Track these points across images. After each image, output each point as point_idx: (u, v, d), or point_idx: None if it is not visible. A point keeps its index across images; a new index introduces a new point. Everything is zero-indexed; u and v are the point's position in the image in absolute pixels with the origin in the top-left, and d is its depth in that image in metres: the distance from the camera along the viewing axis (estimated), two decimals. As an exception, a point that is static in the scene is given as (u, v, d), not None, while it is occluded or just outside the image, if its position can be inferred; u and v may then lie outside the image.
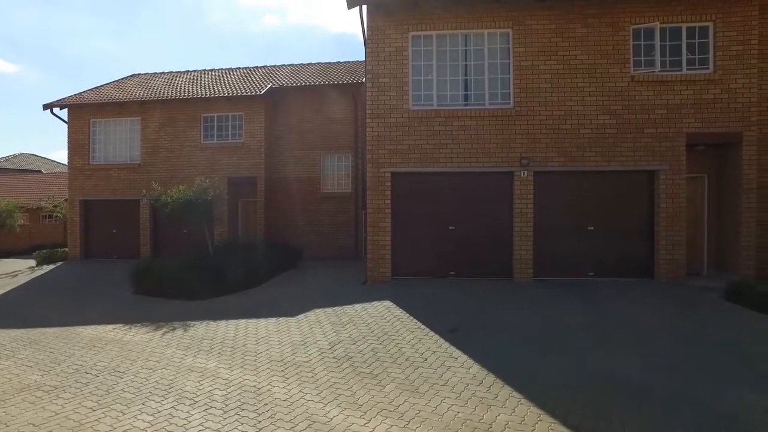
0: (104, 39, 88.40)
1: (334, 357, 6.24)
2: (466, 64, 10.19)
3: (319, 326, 7.66)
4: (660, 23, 9.68)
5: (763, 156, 9.75)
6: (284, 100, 16.77)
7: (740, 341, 6.07)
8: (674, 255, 9.61)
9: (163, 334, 7.79)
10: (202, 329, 7.97)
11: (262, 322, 8.19)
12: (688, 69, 9.71)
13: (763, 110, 9.84)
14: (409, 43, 10.21)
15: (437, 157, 9.99)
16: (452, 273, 10.13)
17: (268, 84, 16.58)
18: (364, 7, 10.17)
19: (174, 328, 8.07)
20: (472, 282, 9.71)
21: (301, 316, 8.33)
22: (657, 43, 9.72)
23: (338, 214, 16.25)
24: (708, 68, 9.67)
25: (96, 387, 5.46)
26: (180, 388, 5.37)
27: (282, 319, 8.24)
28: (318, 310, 8.57)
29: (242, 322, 8.26)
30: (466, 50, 10.19)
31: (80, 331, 8.03)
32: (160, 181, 15.07)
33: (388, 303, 8.54)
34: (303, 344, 6.85)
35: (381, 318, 7.77)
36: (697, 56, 9.74)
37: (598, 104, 9.72)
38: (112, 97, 17.23)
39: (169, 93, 16.93)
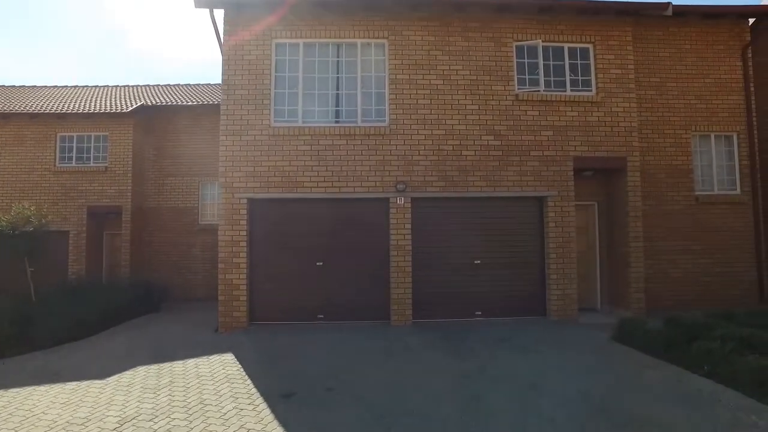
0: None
1: (113, 444, 4.47)
2: (337, 77, 8.99)
3: (125, 392, 5.84)
4: (543, 41, 9.09)
5: (646, 183, 9.34)
6: (158, 120, 14.83)
7: (627, 399, 5.00)
8: (565, 290, 8.74)
9: None
10: (-48, 407, 5.79)
11: (56, 388, 6.18)
12: (572, 90, 9.16)
13: (643, 137, 9.53)
14: (273, 52, 8.88)
15: (301, 181, 8.57)
16: (321, 316, 8.61)
17: (141, 102, 14.59)
18: (220, 10, 8.77)
19: None
20: (342, 327, 8.24)
21: (112, 378, 6.44)
22: (540, 61, 9.10)
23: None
24: (591, 90, 9.16)
25: None
26: None
27: (85, 384, 6.30)
28: (141, 368, 6.77)
29: (25, 390, 6.19)
30: (338, 61, 9.02)
31: None
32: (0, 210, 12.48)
33: (228, 357, 6.96)
34: (84, 423, 5.00)
35: (209, 378, 6.14)
36: (580, 77, 9.23)
37: (481, 123, 8.84)
38: (-59, 109, 14.35)
39: (16, 106, 14.37)
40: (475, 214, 8.86)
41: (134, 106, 14.06)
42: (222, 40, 8.93)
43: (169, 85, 18.41)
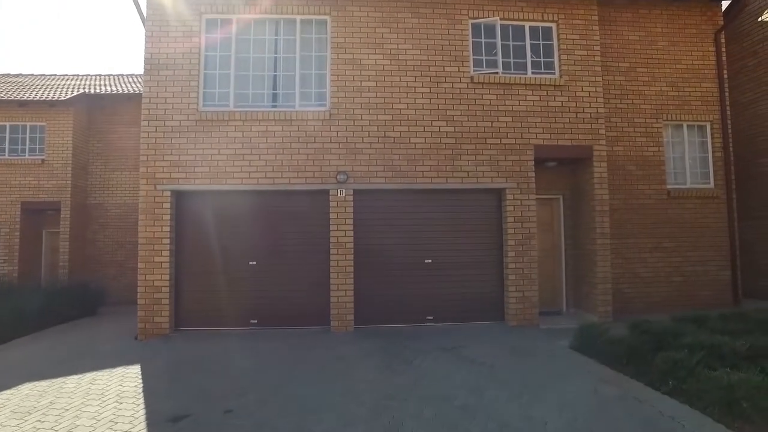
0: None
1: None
2: (275, 57, 8.10)
3: (-12, 419, 4.87)
4: (501, 19, 8.31)
5: (614, 176, 8.67)
6: (104, 110, 13.81)
7: (576, 425, 4.18)
8: (525, 292, 7.97)
9: None
10: None
11: None
12: (533, 72, 8.38)
13: (612, 126, 8.83)
14: (202, 28, 7.96)
15: (232, 171, 7.66)
16: (254, 321, 7.72)
17: (82, 90, 13.51)
18: (143, -22, 7.83)
19: None
20: (276, 334, 7.37)
21: (-15, 400, 5.46)
22: (499, 41, 8.32)
23: (165, 247, 13.26)
24: (554, 73, 8.40)
25: None
26: None
27: (-55, 409, 5.31)
28: (26, 386, 5.82)
29: None
30: (275, 40, 8.13)
31: None
32: None
33: (133, 370, 6.16)
34: None
35: (97, 397, 5.28)
36: (542, 59, 8.47)
37: (432, 108, 8.02)
38: None
39: (-61, 93, 13.18)
40: (425, 208, 8.04)
41: (73, 94, 13.00)
42: (144, 15, 7.98)
43: (122, 75, 17.27)
